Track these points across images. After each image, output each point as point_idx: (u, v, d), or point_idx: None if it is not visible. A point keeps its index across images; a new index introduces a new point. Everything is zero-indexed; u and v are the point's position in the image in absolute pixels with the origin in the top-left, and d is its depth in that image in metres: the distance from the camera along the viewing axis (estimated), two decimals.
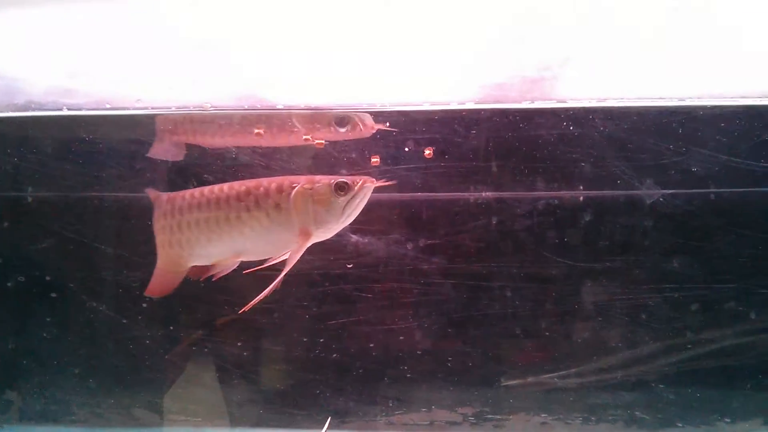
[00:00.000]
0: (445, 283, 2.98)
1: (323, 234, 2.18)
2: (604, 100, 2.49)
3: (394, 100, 2.55)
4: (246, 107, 2.34)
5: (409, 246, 2.93)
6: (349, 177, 2.13)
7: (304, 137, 2.47)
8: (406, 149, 2.73)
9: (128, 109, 2.33)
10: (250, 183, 2.19)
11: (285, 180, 2.16)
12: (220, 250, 2.23)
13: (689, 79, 2.35)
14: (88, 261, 3.06)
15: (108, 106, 2.36)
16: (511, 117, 2.70)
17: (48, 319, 3.12)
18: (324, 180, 2.13)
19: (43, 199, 2.99)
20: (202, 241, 2.22)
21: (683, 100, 2.40)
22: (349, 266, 2.92)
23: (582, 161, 2.78)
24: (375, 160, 2.67)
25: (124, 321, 3.10)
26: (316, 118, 2.43)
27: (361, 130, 2.39)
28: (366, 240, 2.92)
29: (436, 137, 2.69)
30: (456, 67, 2.49)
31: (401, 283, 2.99)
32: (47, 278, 3.09)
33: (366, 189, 2.12)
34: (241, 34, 2.41)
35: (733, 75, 2.37)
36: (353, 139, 2.56)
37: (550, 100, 2.54)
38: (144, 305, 3.06)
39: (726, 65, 2.38)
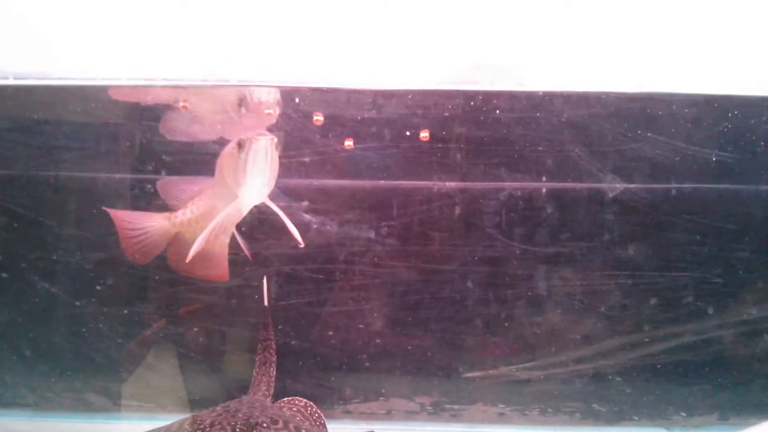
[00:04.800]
0: (404, 271, 2.95)
1: (248, 197, 2.14)
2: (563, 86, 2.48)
3: (362, 81, 2.52)
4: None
5: (369, 232, 2.90)
6: (251, 133, 2.04)
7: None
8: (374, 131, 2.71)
9: (77, 79, 2.26)
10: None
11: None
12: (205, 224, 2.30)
13: (649, 68, 2.35)
14: (40, 241, 2.98)
15: (57, 76, 2.29)
16: (473, 101, 2.68)
17: None
18: None
19: None
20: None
21: (642, 87, 2.41)
22: (302, 249, 2.87)
23: (543, 147, 2.77)
24: (348, 143, 2.63)
25: (77, 303, 3.02)
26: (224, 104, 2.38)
27: (255, 108, 2.29)
28: (324, 226, 2.89)
29: (395, 119, 2.67)
30: (426, 50, 2.46)
31: (359, 269, 2.96)
32: None
33: (258, 144, 2.01)
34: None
35: (694, 66, 2.37)
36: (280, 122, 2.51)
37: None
38: (98, 288, 3.00)
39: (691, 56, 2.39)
